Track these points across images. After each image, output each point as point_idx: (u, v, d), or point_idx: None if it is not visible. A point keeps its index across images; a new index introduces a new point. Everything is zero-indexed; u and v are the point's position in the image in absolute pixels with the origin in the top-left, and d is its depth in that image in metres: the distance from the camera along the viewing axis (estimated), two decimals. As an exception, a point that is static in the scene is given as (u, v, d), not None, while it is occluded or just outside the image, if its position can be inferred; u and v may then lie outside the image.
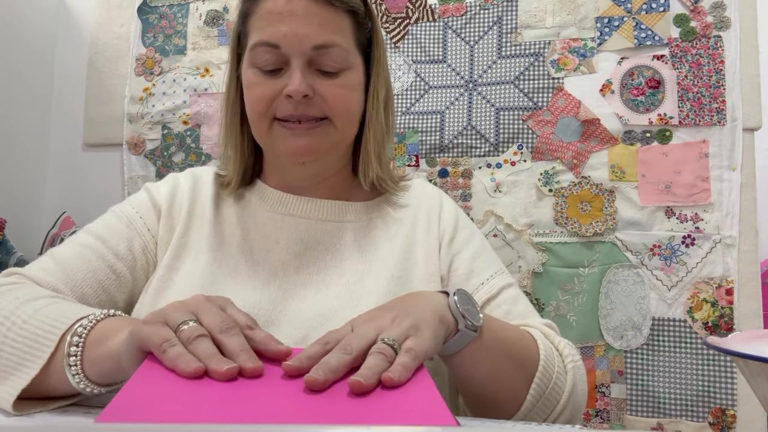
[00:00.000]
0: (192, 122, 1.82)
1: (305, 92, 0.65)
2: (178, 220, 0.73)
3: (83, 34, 1.97)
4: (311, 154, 0.69)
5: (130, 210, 0.73)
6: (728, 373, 1.37)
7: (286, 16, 0.65)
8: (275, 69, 0.67)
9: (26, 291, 0.61)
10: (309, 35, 0.65)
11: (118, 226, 0.71)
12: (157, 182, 0.79)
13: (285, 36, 0.65)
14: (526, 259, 1.51)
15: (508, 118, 1.57)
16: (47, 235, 1.80)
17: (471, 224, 0.81)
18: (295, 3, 0.65)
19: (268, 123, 0.69)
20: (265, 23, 0.66)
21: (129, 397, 0.40)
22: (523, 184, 1.54)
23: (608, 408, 1.43)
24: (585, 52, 1.53)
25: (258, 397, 0.41)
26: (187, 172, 0.80)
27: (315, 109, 0.67)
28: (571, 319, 1.47)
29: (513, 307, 0.71)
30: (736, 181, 1.41)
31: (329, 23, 0.66)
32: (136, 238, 0.71)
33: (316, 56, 0.66)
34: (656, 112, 1.47)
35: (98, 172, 1.91)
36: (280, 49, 0.66)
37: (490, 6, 1.61)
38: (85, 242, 0.69)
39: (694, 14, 1.47)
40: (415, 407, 0.41)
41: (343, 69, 0.68)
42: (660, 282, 1.44)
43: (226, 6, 1.83)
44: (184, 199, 0.74)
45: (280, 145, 0.69)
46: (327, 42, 0.66)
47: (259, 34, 0.67)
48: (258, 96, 0.68)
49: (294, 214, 0.73)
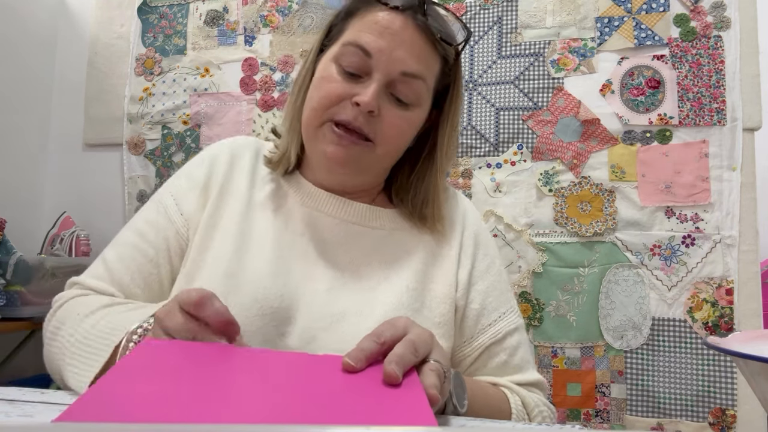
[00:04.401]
0: (192, 122, 1.82)
1: (372, 108, 0.65)
2: (210, 197, 0.73)
3: (83, 34, 1.97)
4: (345, 167, 0.69)
5: (168, 198, 0.75)
6: (728, 373, 1.37)
7: (390, 32, 0.65)
8: (355, 74, 0.67)
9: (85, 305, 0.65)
10: (404, 60, 0.66)
11: (156, 218, 0.73)
12: (196, 159, 0.79)
13: (381, 50, 0.65)
14: (526, 259, 1.51)
15: (508, 118, 1.57)
16: (47, 235, 1.80)
17: (490, 248, 0.80)
18: (405, 27, 0.66)
19: (323, 119, 0.68)
20: (367, 28, 0.67)
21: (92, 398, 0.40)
22: (523, 184, 1.54)
23: (608, 408, 1.43)
24: (585, 52, 1.54)
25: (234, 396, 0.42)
26: (226, 148, 0.78)
27: (369, 128, 0.67)
28: (571, 319, 1.47)
29: (510, 358, 0.72)
30: (736, 181, 1.41)
31: (425, 58, 0.67)
32: (170, 227, 0.72)
33: (397, 81, 0.66)
34: (656, 112, 1.47)
35: (98, 172, 1.91)
36: (370, 59, 0.66)
37: (490, 6, 1.61)
38: (129, 241, 0.72)
39: (694, 14, 1.47)
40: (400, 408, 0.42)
41: (414, 104, 0.69)
42: (660, 282, 1.44)
43: (226, 6, 1.83)
44: (218, 175, 0.75)
45: (322, 147, 0.68)
46: (416, 72, 0.67)
47: (357, 36, 0.67)
48: (327, 91, 0.67)
49: (322, 211, 0.73)
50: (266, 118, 1.75)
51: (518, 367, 0.72)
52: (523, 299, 1.49)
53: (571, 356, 1.46)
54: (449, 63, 0.72)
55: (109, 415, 0.38)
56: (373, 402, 0.43)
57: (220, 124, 1.80)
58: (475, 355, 0.71)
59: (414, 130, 0.72)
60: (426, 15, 0.67)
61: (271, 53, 1.78)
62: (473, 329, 0.72)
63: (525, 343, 0.75)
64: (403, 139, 0.71)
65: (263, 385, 0.44)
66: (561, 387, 1.46)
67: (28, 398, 0.54)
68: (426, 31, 0.67)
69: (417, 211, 0.75)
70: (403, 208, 0.77)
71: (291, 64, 1.76)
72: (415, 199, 0.75)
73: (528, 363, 0.74)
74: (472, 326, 0.72)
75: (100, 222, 1.86)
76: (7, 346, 1.71)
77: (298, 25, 1.77)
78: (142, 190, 1.84)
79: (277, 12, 1.79)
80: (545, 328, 1.48)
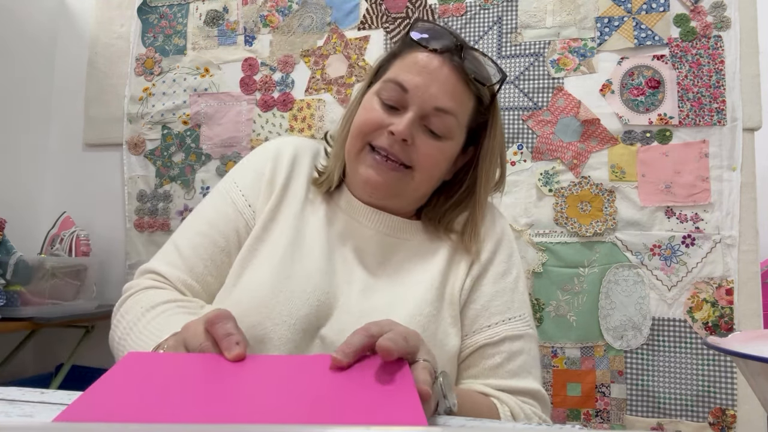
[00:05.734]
0: (192, 122, 1.82)
1: (405, 137, 0.71)
2: (273, 191, 0.79)
3: (83, 34, 1.97)
4: (381, 191, 0.75)
5: (234, 188, 0.81)
6: (728, 373, 1.37)
7: (427, 72, 0.73)
8: (393, 107, 0.74)
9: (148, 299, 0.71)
10: (437, 96, 0.73)
11: (225, 209, 0.79)
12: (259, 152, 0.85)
13: (417, 87, 0.73)
14: (526, 259, 1.51)
15: (508, 118, 1.57)
16: (47, 235, 1.80)
17: (511, 258, 0.82)
18: (441, 68, 0.73)
19: (362, 144, 0.75)
20: (407, 68, 0.74)
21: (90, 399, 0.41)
22: (523, 184, 1.54)
23: (608, 408, 1.43)
24: (585, 52, 1.54)
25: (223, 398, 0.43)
26: (290, 145, 0.84)
27: (405, 156, 0.73)
28: (571, 319, 1.47)
29: (506, 362, 0.73)
30: (736, 181, 1.41)
31: (457, 96, 0.74)
32: (239, 217, 0.78)
33: (430, 114, 0.73)
34: (656, 112, 1.47)
35: (98, 172, 1.91)
36: (407, 94, 0.73)
37: (490, 6, 1.61)
38: (200, 230, 0.78)
39: (694, 14, 1.47)
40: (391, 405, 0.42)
41: (446, 137, 0.75)
42: (660, 282, 1.44)
43: (226, 6, 1.83)
44: (282, 174, 0.81)
45: (362, 171, 0.75)
46: (447, 108, 0.73)
47: (398, 74, 0.75)
48: (367, 118, 0.75)
49: (361, 222, 0.80)
50: (266, 118, 1.75)
51: (513, 373, 0.73)
52: (523, 299, 1.50)
53: (571, 356, 1.46)
54: (484, 103, 0.78)
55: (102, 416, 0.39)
56: (364, 399, 0.43)
57: (220, 124, 1.79)
58: (467, 353, 0.74)
59: (447, 161, 0.78)
60: (462, 57, 0.74)
61: (271, 53, 1.78)
62: (469, 327, 0.75)
63: (530, 354, 0.76)
64: (437, 167, 0.77)
65: (252, 388, 0.44)
66: (561, 387, 1.46)
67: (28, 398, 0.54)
68: (460, 72, 0.74)
69: (445, 227, 0.81)
70: (430, 224, 0.83)
71: (291, 64, 1.76)
72: (449, 224, 0.81)
73: (527, 372, 0.74)
74: (469, 324, 0.75)
75: (100, 222, 1.86)
76: (7, 346, 1.71)
77: (298, 25, 1.77)
78: (142, 190, 1.84)
79: (277, 12, 1.79)
80: (545, 328, 1.48)
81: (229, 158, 1.77)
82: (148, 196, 1.83)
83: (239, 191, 0.80)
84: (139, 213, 1.83)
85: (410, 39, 0.76)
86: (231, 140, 1.78)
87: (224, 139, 1.78)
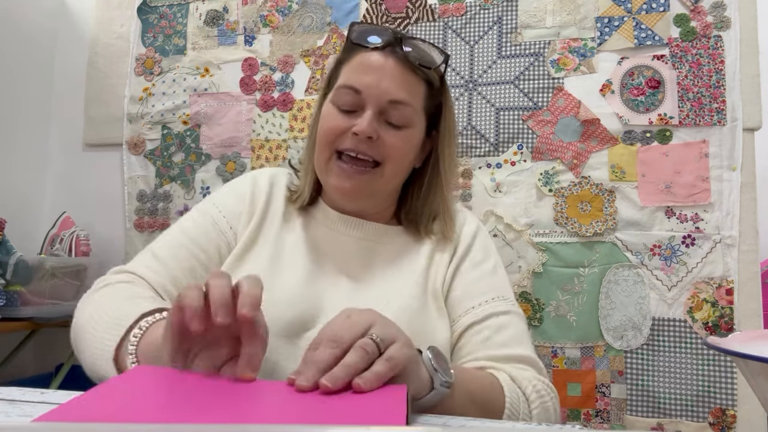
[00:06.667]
0: (192, 122, 1.82)
1: (370, 134, 0.74)
2: (254, 214, 0.82)
3: (83, 34, 1.97)
4: (352, 195, 0.78)
5: (214, 210, 0.83)
6: (728, 373, 1.37)
7: (374, 69, 0.76)
8: (351, 110, 0.77)
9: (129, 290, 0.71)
10: (389, 90, 0.75)
11: (206, 227, 0.81)
12: (238, 179, 0.88)
13: (368, 86, 0.75)
14: (526, 259, 1.51)
15: (508, 118, 1.57)
16: (47, 235, 1.80)
17: (488, 247, 0.86)
18: (385, 59, 0.76)
19: (330, 154, 0.77)
20: (354, 71, 0.78)
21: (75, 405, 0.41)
22: (523, 184, 1.54)
23: (608, 408, 1.43)
24: (585, 52, 1.53)
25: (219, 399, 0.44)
26: (266, 173, 0.88)
27: (373, 152, 0.76)
28: (571, 319, 1.47)
29: (493, 335, 0.75)
30: (736, 181, 1.41)
31: (408, 85, 0.77)
32: (220, 236, 0.80)
33: (388, 108, 0.76)
34: (656, 112, 1.47)
35: (98, 172, 1.90)
36: (361, 95, 0.76)
37: (490, 6, 1.61)
38: (181, 242, 0.79)
39: (694, 14, 1.47)
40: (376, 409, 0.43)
41: (407, 126, 0.78)
42: (660, 282, 1.44)
43: (226, 6, 1.83)
44: (262, 197, 0.84)
45: (333, 180, 0.78)
46: (402, 99, 0.76)
47: (347, 78, 0.78)
48: (330, 126, 0.77)
49: (341, 231, 0.83)
50: (266, 118, 1.75)
51: (503, 344, 0.75)
52: (523, 299, 1.49)
53: (571, 356, 1.46)
54: (435, 85, 0.82)
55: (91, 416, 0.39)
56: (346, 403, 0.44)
57: (220, 124, 1.79)
58: (458, 334, 0.76)
59: (413, 148, 0.81)
60: (404, 48, 0.77)
61: (271, 53, 1.78)
62: (455, 313, 0.78)
63: (517, 328, 0.78)
64: (405, 157, 0.79)
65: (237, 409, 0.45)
66: (561, 387, 1.46)
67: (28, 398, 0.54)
68: (405, 62, 0.77)
69: (424, 227, 0.84)
70: (410, 226, 0.85)
71: (291, 64, 1.76)
72: (423, 216, 0.84)
73: (516, 342, 0.75)
74: (454, 310, 0.78)
75: (100, 222, 1.86)
76: (7, 346, 1.71)
77: (298, 25, 1.77)
78: (142, 190, 1.84)
79: (277, 12, 1.79)
80: (545, 328, 1.48)
81: (229, 158, 1.77)
82: (148, 196, 1.83)
83: (220, 213, 0.82)
84: (139, 213, 1.83)
85: (351, 43, 0.80)
86: (231, 140, 1.78)
87: (224, 139, 1.78)
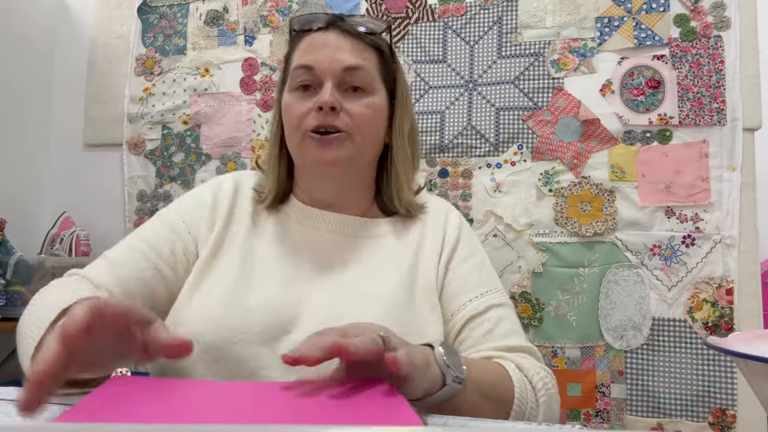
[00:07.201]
0: (192, 122, 1.82)
1: (333, 104, 0.74)
2: (218, 219, 0.80)
3: (83, 34, 1.97)
4: (334, 164, 0.77)
5: (175, 216, 0.81)
6: (728, 373, 1.37)
7: (322, 46, 0.77)
8: (309, 86, 0.77)
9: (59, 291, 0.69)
10: (340, 59, 0.76)
11: (163, 231, 0.80)
12: (200, 186, 0.87)
13: (320, 60, 0.76)
14: (526, 259, 1.51)
15: (508, 118, 1.57)
16: (47, 235, 1.80)
17: (474, 242, 0.87)
18: (330, 36, 0.78)
19: (301, 136, 0.77)
20: (303, 52, 0.79)
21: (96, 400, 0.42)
22: (523, 184, 1.54)
23: (608, 408, 1.43)
24: (585, 52, 1.53)
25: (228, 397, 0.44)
26: (229, 177, 0.86)
27: (340, 122, 0.75)
28: (571, 319, 1.47)
29: (495, 327, 0.76)
30: (736, 181, 1.41)
31: (358, 52, 0.78)
32: (177, 241, 0.78)
33: (345, 77, 0.76)
34: (656, 112, 1.47)
35: (98, 172, 1.90)
36: (315, 71, 0.76)
37: (490, 6, 1.61)
38: (135, 246, 0.78)
39: (694, 14, 1.47)
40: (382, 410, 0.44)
41: (369, 92, 0.78)
42: (660, 282, 1.44)
43: (226, 6, 1.83)
44: (225, 201, 0.82)
45: (309, 155, 0.77)
46: (356, 64, 0.77)
47: (298, 60, 0.79)
48: (294, 112, 0.77)
49: (317, 227, 0.81)
50: (266, 117, 1.75)
51: (504, 335, 0.76)
52: (523, 299, 1.49)
53: (571, 356, 1.46)
54: (385, 53, 0.82)
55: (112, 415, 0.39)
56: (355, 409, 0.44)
57: (220, 124, 1.79)
58: (458, 329, 0.76)
59: (379, 116, 0.80)
60: (344, 22, 0.79)
61: (271, 53, 1.78)
62: (453, 307, 0.77)
63: (512, 319, 0.80)
64: (372, 123, 0.79)
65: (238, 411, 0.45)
66: (561, 387, 1.45)
67: (28, 398, 0.54)
68: (349, 33, 0.79)
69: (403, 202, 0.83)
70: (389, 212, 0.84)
71: (291, 64, 1.76)
72: (395, 194, 0.83)
73: (515, 333, 0.78)
74: (449, 305, 0.78)
75: (100, 222, 1.86)
76: (7, 346, 1.71)
77: (298, 25, 1.77)
78: (142, 190, 1.84)
79: (277, 12, 1.79)
80: (545, 328, 1.48)
81: (229, 158, 1.77)
82: (148, 196, 1.83)
83: (180, 218, 0.81)
84: (139, 213, 1.83)
85: (295, 32, 0.82)
86: (231, 140, 1.78)
87: (224, 139, 1.78)
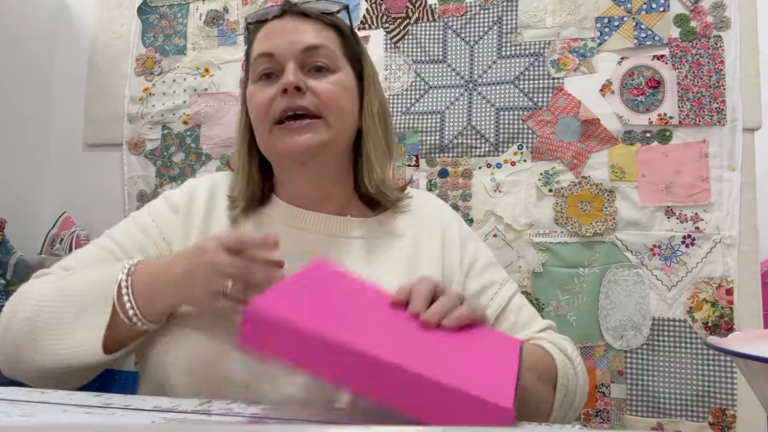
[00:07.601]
0: (192, 122, 1.82)
1: (297, 83, 0.72)
2: (194, 226, 0.77)
3: (83, 34, 1.97)
4: (308, 151, 0.73)
5: (147, 218, 0.79)
6: (728, 373, 1.37)
7: (279, 31, 0.76)
8: (271, 74, 0.75)
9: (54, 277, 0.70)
10: (299, 41, 0.75)
11: (135, 232, 0.77)
12: (175, 189, 0.84)
13: (278, 45, 0.75)
14: (526, 259, 1.51)
15: (508, 118, 1.57)
16: (47, 235, 1.80)
17: (471, 233, 0.87)
18: (286, 21, 0.77)
19: (269, 126, 0.74)
20: (261, 41, 0.78)
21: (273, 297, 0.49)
22: (523, 184, 1.54)
23: (608, 408, 1.43)
24: (585, 52, 1.54)
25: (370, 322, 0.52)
26: (205, 180, 0.83)
27: (308, 102, 0.73)
28: (571, 319, 1.47)
29: (518, 318, 0.79)
30: (736, 181, 1.41)
31: (316, 32, 0.77)
32: (150, 245, 0.76)
33: (306, 57, 0.75)
34: (656, 112, 1.47)
35: (98, 172, 1.90)
36: (275, 56, 0.75)
37: (490, 6, 1.61)
38: (105, 245, 0.76)
39: (694, 14, 1.47)
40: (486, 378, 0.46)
41: (332, 69, 0.76)
42: (660, 282, 1.44)
43: (226, 6, 1.83)
44: (200, 206, 0.79)
45: (280, 145, 0.74)
46: (316, 43, 0.75)
47: (258, 49, 0.77)
48: (258, 101, 0.75)
49: (303, 228, 0.78)
50: (266, 118, 1.75)
51: (527, 323, 0.79)
52: (523, 299, 1.49)
53: (571, 356, 1.46)
54: (346, 32, 0.81)
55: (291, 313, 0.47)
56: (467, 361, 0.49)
57: (220, 124, 1.80)
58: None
59: (348, 94, 0.78)
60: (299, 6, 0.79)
61: (271, 53, 1.78)
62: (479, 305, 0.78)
63: (527, 303, 0.83)
64: (341, 101, 0.76)
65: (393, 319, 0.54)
66: (561, 387, 1.46)
67: (28, 398, 0.54)
68: (305, 15, 0.78)
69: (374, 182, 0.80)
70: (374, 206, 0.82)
71: (291, 64, 1.76)
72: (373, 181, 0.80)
73: (534, 317, 0.81)
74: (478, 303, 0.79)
75: (100, 222, 1.84)
76: (7, 346, 1.71)
77: (298, 25, 1.77)
78: (142, 190, 1.84)
79: (277, 12, 1.78)
80: (545, 328, 1.48)
81: (229, 158, 1.77)
82: (148, 196, 1.83)
83: (153, 222, 0.77)
84: (139, 213, 1.83)
85: (252, 26, 0.81)
86: (231, 140, 1.77)
87: (224, 139, 1.78)
